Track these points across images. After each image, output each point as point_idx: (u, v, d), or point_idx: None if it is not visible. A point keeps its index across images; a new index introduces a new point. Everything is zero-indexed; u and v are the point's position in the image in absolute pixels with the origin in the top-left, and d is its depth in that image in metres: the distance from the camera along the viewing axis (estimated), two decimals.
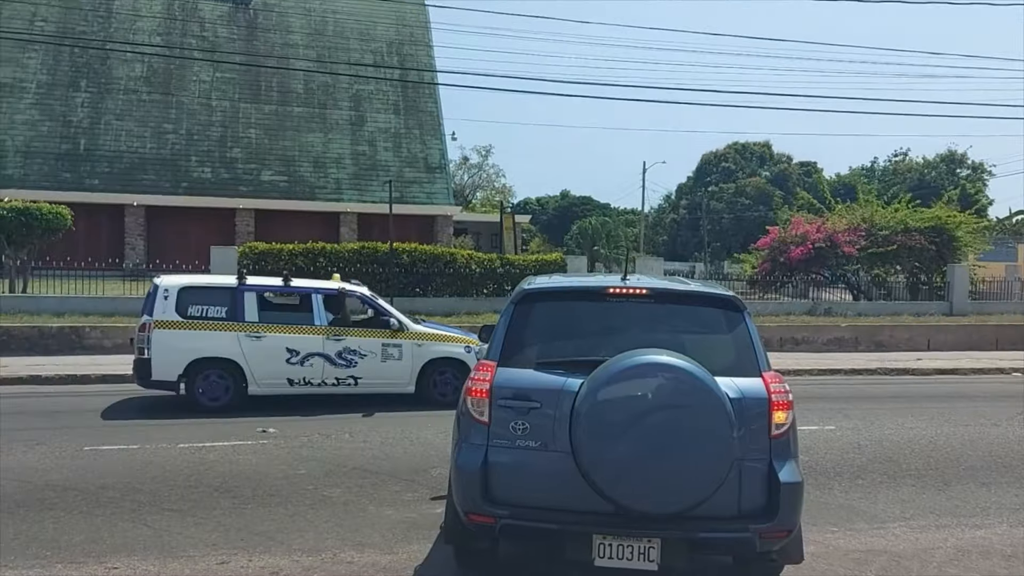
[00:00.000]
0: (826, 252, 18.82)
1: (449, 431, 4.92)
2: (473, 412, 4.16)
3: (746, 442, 3.87)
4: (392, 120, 35.41)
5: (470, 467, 4.05)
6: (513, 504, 3.98)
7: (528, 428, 4.01)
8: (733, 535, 3.89)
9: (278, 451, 7.54)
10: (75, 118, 31.34)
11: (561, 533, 3.93)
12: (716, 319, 4.34)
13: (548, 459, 3.96)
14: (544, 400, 4.01)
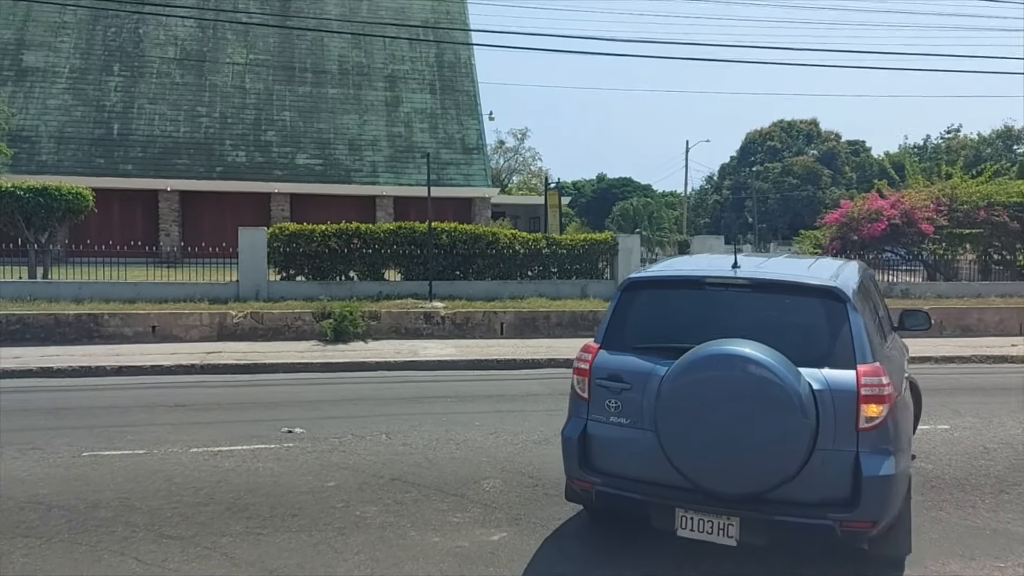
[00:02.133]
0: (902, 230, 17.25)
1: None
2: (577, 389, 4.70)
3: (831, 433, 3.92)
4: (428, 100, 34.36)
5: (571, 437, 4.58)
6: (606, 473, 4.40)
7: (620, 406, 4.37)
8: (812, 521, 3.95)
9: (304, 457, 6.49)
10: (108, 102, 30.87)
11: (646, 503, 4.25)
12: (815, 309, 4.31)
13: (637, 436, 4.28)
14: (634, 382, 4.33)
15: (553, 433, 7.45)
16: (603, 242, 16.27)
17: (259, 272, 14.03)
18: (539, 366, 11.46)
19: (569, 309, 14.06)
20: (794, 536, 4.13)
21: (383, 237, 14.79)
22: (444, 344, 12.58)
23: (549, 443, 7.12)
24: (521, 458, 6.61)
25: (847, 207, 18.75)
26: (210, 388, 9.53)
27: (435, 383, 10.20)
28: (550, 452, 6.82)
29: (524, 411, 8.51)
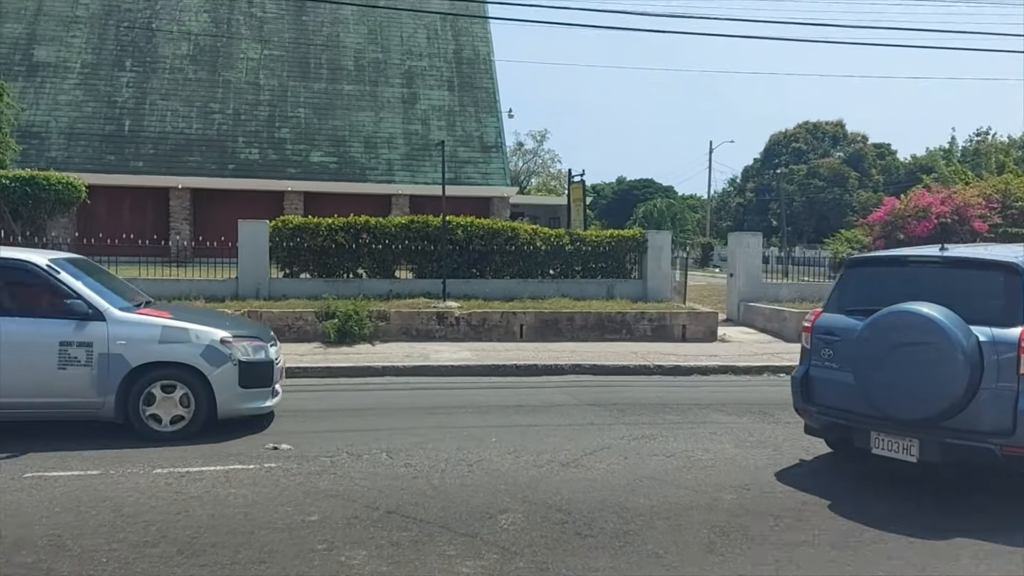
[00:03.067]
0: (953, 228, 15.96)
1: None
2: (804, 342, 6.18)
3: (994, 376, 5.02)
4: (446, 97, 33.42)
5: (797, 378, 6.13)
6: (821, 404, 5.91)
7: (832, 354, 5.83)
8: (976, 444, 5.04)
9: (286, 480, 5.44)
10: (120, 98, 30.21)
11: (849, 427, 5.71)
12: (995, 280, 5.38)
13: (843, 376, 5.66)
14: (842, 335, 5.75)
15: (582, 452, 6.38)
16: (631, 239, 15.12)
17: (260, 268, 13.05)
18: (562, 372, 10.37)
19: (595, 310, 12.95)
20: (962, 457, 5.17)
21: (394, 232, 13.76)
22: (458, 347, 11.53)
23: (579, 465, 6.03)
24: (546, 484, 5.53)
25: (892, 204, 17.48)
26: None
27: (447, 391, 9.14)
28: (580, 477, 5.73)
29: (547, 425, 7.42)
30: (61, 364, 6.26)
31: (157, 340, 6.50)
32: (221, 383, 6.54)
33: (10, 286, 6.45)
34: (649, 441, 6.87)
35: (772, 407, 8.50)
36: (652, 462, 6.19)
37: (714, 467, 6.11)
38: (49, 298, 6.41)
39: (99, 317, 6.37)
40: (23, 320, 6.30)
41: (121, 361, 6.34)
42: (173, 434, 6.46)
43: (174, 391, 6.51)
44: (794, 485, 5.69)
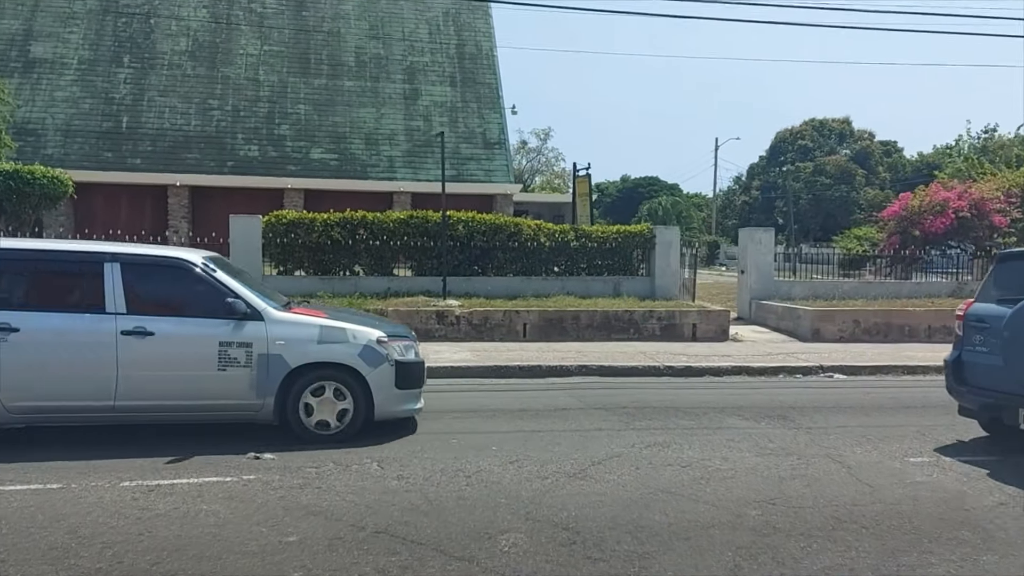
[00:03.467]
0: (971, 223, 15.40)
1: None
2: (956, 329, 6.93)
3: None
4: (448, 93, 32.93)
5: (950, 361, 6.89)
6: (971, 385, 6.62)
7: (982, 339, 6.55)
8: None
9: (266, 495, 4.94)
10: (117, 95, 29.77)
11: (998, 405, 6.31)
12: None
13: (992, 359, 6.38)
14: (991, 323, 6.44)
15: (590, 461, 5.87)
16: (638, 235, 14.59)
17: (252, 266, 12.54)
18: (568, 374, 9.86)
19: (601, 309, 12.44)
20: None
21: (392, 228, 13.25)
22: (458, 347, 11.03)
23: (587, 476, 5.52)
24: (551, 499, 5.03)
25: (906, 199, 16.91)
26: None
27: (445, 394, 8.64)
28: (588, 490, 5.22)
29: (552, 431, 6.92)
30: (221, 365, 6.07)
31: (316, 340, 6.30)
32: (379, 384, 6.39)
33: (167, 285, 6.27)
34: (662, 449, 6.36)
35: (791, 411, 7.99)
36: (667, 473, 5.68)
37: (735, 478, 5.60)
38: (207, 297, 6.18)
39: (257, 317, 6.18)
40: (182, 320, 6.12)
41: (280, 362, 6.16)
42: (331, 436, 6.27)
43: (332, 392, 6.32)
44: (824, 498, 5.18)
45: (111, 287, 6.00)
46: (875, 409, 8.25)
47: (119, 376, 5.91)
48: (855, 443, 6.72)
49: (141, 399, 6.03)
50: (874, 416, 7.88)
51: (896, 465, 6.05)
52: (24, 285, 6.08)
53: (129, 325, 5.94)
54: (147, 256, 6.31)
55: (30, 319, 5.86)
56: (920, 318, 12.92)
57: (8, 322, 5.79)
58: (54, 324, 5.91)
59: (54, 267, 6.21)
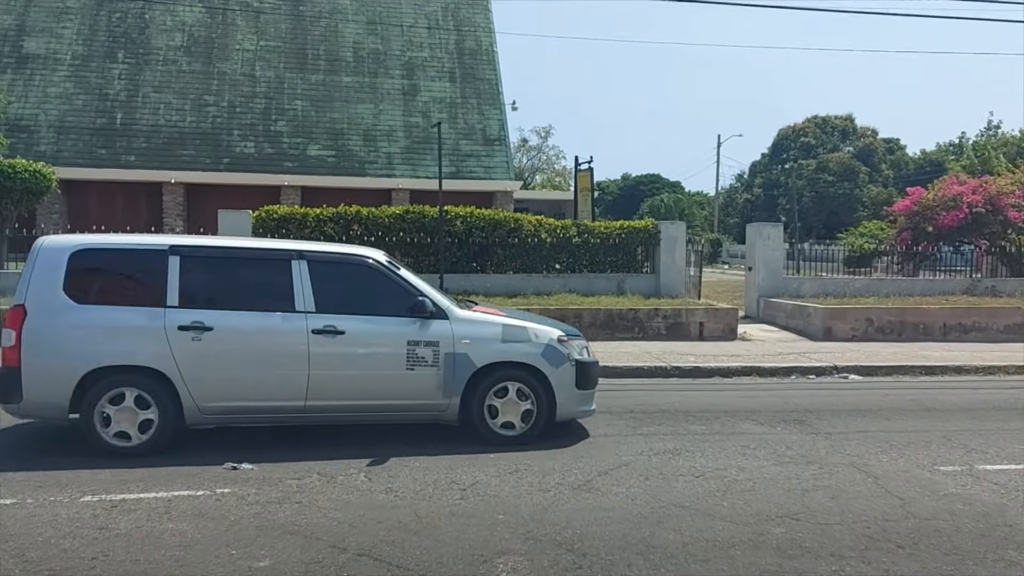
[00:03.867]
0: (985, 218, 14.93)
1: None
2: None
3: None
4: (447, 89, 32.48)
5: None
6: None
7: None
8: None
9: (240, 511, 4.49)
10: (111, 91, 29.34)
11: None
12: None
13: None
14: None
15: (596, 471, 5.42)
16: (643, 230, 14.14)
17: None
18: None
19: (604, 307, 11.99)
20: None
21: (388, 223, 12.80)
22: None
23: (592, 488, 5.08)
24: (554, 514, 4.58)
25: (918, 194, 16.43)
26: None
27: None
28: (594, 504, 4.77)
29: (553, 436, 6.46)
30: (409, 364, 5.97)
31: (499, 339, 6.21)
32: (560, 384, 6.27)
33: (353, 283, 6.16)
34: (673, 457, 5.91)
35: (807, 414, 7.54)
36: (679, 484, 5.23)
37: (753, 490, 5.15)
38: (392, 296, 6.09)
39: (443, 315, 6.09)
40: (371, 319, 6.01)
41: (466, 361, 6.06)
42: (516, 438, 6.16)
43: (515, 393, 6.21)
44: (852, 513, 4.73)
45: (299, 285, 5.89)
46: (895, 412, 7.80)
47: (311, 376, 5.79)
48: (879, 450, 6.27)
49: (331, 399, 5.92)
50: (895, 420, 7.43)
51: (926, 475, 5.60)
52: (215, 283, 5.93)
53: (319, 324, 5.83)
54: (332, 254, 6.23)
55: (223, 318, 5.73)
56: (935, 316, 12.46)
57: (202, 321, 5.66)
58: (247, 323, 5.79)
59: (243, 265, 6.09)
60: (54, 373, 5.48)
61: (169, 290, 5.69)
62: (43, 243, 5.78)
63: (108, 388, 5.54)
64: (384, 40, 32.64)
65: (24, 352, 5.45)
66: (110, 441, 5.56)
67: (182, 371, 5.59)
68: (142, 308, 5.66)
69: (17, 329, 5.47)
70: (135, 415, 5.58)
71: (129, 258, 5.89)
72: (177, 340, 5.59)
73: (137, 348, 5.57)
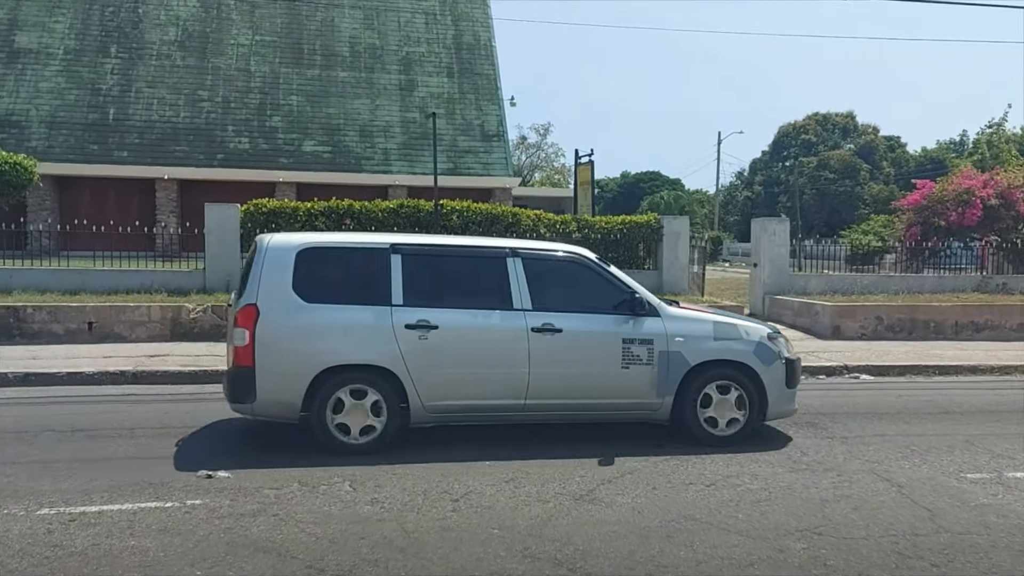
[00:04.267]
0: (997, 212, 14.54)
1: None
2: None
3: None
4: (445, 84, 32.06)
5: None
6: None
7: None
8: None
9: (210, 525, 4.10)
10: (104, 86, 28.92)
11: None
12: None
13: None
14: None
15: (599, 480, 5.04)
16: (645, 225, 13.75)
17: (230, 259, 11.68)
18: None
19: None
20: None
21: (382, 217, 12.39)
22: None
23: (595, 498, 4.70)
24: (554, 528, 4.20)
25: (928, 188, 16.03)
26: (133, 404, 7.21)
27: None
28: (598, 516, 4.39)
29: (553, 439, 6.07)
30: (624, 363, 5.90)
31: (712, 337, 6.11)
32: (772, 382, 6.14)
33: (566, 281, 6.15)
34: (681, 463, 5.52)
35: (821, 417, 7.15)
36: (689, 494, 4.85)
37: (769, 500, 4.76)
38: (604, 293, 6.05)
39: (655, 313, 6.02)
40: (586, 317, 5.95)
41: (680, 360, 5.97)
42: (729, 438, 6.03)
43: (728, 392, 6.08)
44: (878, 526, 4.35)
45: (516, 283, 5.88)
46: (912, 415, 7.42)
47: (531, 374, 5.76)
48: (899, 455, 5.89)
49: (549, 398, 5.89)
50: (914, 423, 7.04)
51: (953, 483, 5.22)
52: (435, 281, 5.91)
53: (538, 322, 5.80)
54: (545, 251, 6.24)
55: (446, 316, 5.71)
56: (947, 314, 12.07)
57: (427, 319, 5.64)
58: (469, 321, 5.79)
59: (461, 262, 6.09)
60: (288, 372, 5.46)
61: (393, 288, 5.68)
62: (269, 242, 5.74)
63: (339, 386, 5.52)
64: (381, 35, 32.22)
65: (258, 351, 5.41)
66: (340, 439, 5.53)
67: (410, 369, 5.57)
68: (368, 307, 5.65)
69: (251, 328, 5.41)
70: (365, 413, 5.57)
71: (352, 256, 5.88)
72: (405, 338, 5.58)
73: (367, 347, 5.56)
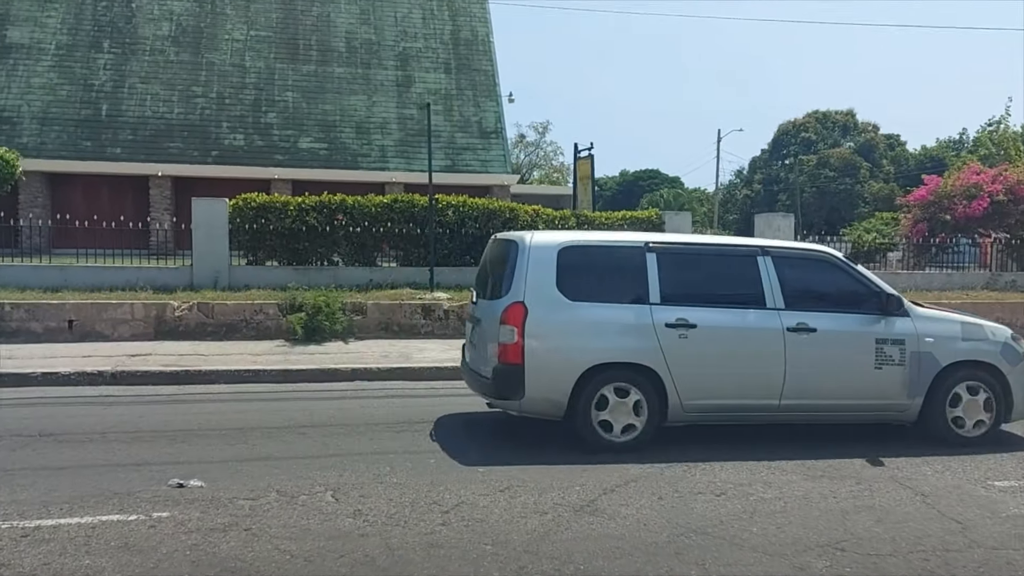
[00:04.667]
0: (1006, 208, 14.20)
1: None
2: None
3: None
4: (443, 80, 31.71)
5: None
6: None
7: None
8: None
9: (175, 541, 3.74)
10: (97, 81, 28.54)
11: None
12: None
13: None
14: None
15: (601, 489, 4.68)
16: (646, 220, 13.40)
17: (218, 255, 11.31)
18: None
19: None
20: None
21: (375, 213, 12.02)
22: (447, 345, 9.82)
23: (597, 510, 4.34)
24: (552, 543, 3.84)
25: (935, 183, 15.68)
26: (109, 407, 6.83)
27: (429, 399, 7.44)
28: (600, 530, 4.03)
29: (552, 446, 5.71)
30: (877, 363, 5.87)
31: (960, 338, 6.06)
32: (1017, 383, 6.07)
33: (814, 279, 6.13)
34: (688, 471, 5.16)
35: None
36: (698, 504, 4.49)
37: (784, 512, 4.41)
38: (852, 292, 6.04)
39: (904, 313, 5.98)
40: (837, 316, 5.93)
41: (931, 360, 5.94)
42: (973, 440, 5.96)
43: (977, 393, 6.00)
44: (905, 541, 4.00)
45: (768, 282, 5.88)
46: None
47: (786, 375, 5.75)
48: (920, 460, 5.54)
49: (805, 399, 5.86)
50: None
51: (980, 491, 4.87)
52: (690, 280, 5.92)
53: (792, 322, 5.80)
54: (793, 250, 6.24)
55: (703, 315, 5.73)
56: None
57: (686, 318, 5.67)
58: (726, 320, 5.80)
59: (713, 261, 6.13)
60: (556, 370, 5.53)
61: (650, 286, 5.73)
62: (532, 241, 5.79)
63: (603, 384, 5.55)
64: (377, 30, 31.87)
65: (527, 349, 5.48)
66: (603, 436, 5.55)
67: (671, 368, 5.61)
68: (628, 305, 5.71)
69: (520, 326, 5.49)
70: (627, 411, 5.60)
71: (610, 255, 5.93)
72: (665, 337, 5.62)
73: (630, 345, 5.62)
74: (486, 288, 6.15)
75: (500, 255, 6.03)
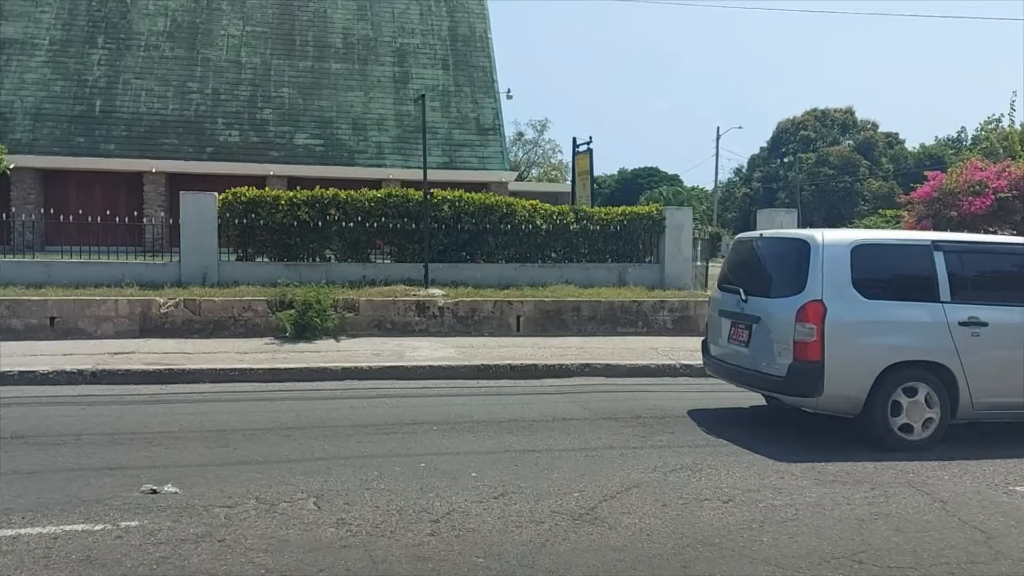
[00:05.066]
0: (1011, 204, 13.94)
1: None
2: None
3: None
4: (440, 77, 31.44)
5: None
6: None
7: None
8: None
9: (141, 553, 3.48)
10: (91, 77, 28.25)
11: None
12: None
13: None
14: None
15: (601, 496, 4.40)
16: (646, 217, 13.10)
17: (207, 250, 11.03)
18: (568, 374, 8.39)
19: (605, 299, 10.98)
20: None
21: (368, 207, 11.73)
22: (441, 343, 9.55)
23: (598, 518, 4.06)
24: (549, 556, 3.56)
25: (939, 179, 15.42)
26: (87, 407, 6.55)
27: (421, 400, 7.17)
28: (601, 541, 3.76)
29: (550, 450, 5.45)
30: None
31: None
32: None
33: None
34: (693, 475, 4.89)
35: (840, 421, 6.52)
36: (704, 512, 4.22)
37: (796, 520, 4.14)
38: None
39: None
40: None
41: None
42: None
43: None
44: (927, 552, 3.73)
45: None
46: None
47: None
48: (935, 464, 5.27)
49: None
50: None
51: (1002, 497, 4.61)
52: (976, 278, 5.99)
53: None
54: None
55: (995, 313, 5.82)
56: None
57: (977, 316, 5.75)
58: (1016, 319, 5.87)
59: (999, 259, 6.26)
60: (856, 367, 5.61)
61: (940, 285, 5.79)
62: (823, 240, 5.86)
63: (900, 382, 5.63)
64: (374, 26, 31.59)
65: (828, 347, 5.53)
66: (898, 434, 5.63)
67: (964, 366, 5.67)
68: (921, 303, 5.78)
69: (819, 324, 5.55)
70: (923, 410, 5.67)
71: (900, 253, 6.06)
72: (959, 335, 5.70)
73: (925, 343, 5.70)
74: (752, 286, 6.22)
75: (775, 253, 6.24)
